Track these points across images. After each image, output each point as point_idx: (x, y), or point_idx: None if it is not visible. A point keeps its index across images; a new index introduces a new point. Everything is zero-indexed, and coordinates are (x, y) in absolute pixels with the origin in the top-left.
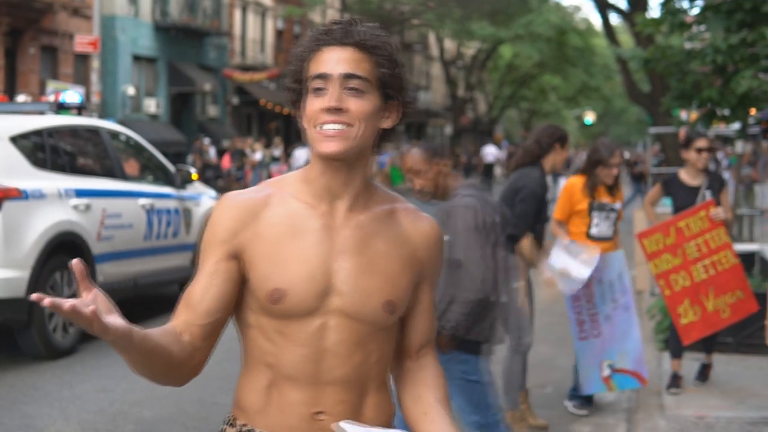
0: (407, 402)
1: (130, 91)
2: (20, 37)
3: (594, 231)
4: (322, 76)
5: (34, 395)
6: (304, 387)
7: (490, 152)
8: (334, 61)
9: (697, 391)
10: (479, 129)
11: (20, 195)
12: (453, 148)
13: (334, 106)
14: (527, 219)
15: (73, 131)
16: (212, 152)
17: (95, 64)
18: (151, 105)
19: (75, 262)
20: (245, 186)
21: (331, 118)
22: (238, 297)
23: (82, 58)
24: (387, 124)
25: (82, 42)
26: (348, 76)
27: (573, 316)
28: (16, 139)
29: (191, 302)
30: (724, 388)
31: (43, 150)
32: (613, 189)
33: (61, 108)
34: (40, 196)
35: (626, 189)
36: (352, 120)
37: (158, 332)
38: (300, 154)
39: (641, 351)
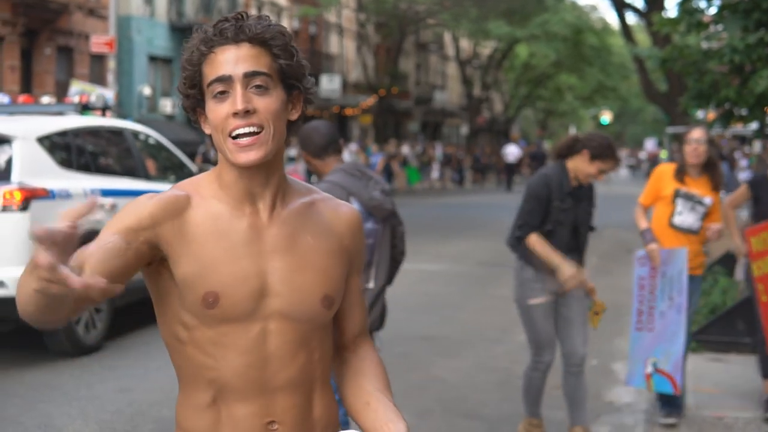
0: (348, 395)
1: (146, 91)
2: (36, 38)
3: (676, 220)
4: (222, 79)
5: (52, 395)
6: (252, 397)
7: (511, 152)
8: (232, 61)
9: (716, 391)
10: (495, 129)
11: (47, 194)
12: (469, 147)
13: (243, 108)
14: (528, 219)
15: (97, 132)
16: (213, 152)
17: (111, 64)
18: (167, 105)
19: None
20: None
21: (243, 122)
22: (165, 311)
23: (98, 59)
24: (293, 116)
25: (98, 42)
26: (250, 74)
27: (635, 305)
28: (42, 140)
29: (83, 253)
30: (742, 389)
31: (69, 150)
32: (710, 181)
33: (85, 109)
34: (66, 195)
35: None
36: (262, 121)
37: None
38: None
39: (681, 357)
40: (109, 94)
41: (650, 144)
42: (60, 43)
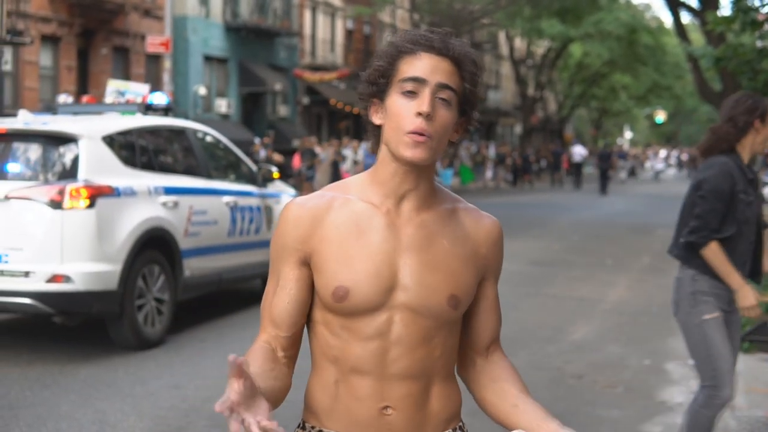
0: (491, 399)
1: (202, 91)
2: (92, 38)
3: None
4: (418, 80)
5: (107, 391)
6: (371, 380)
7: (578, 152)
8: (431, 68)
9: None
10: (549, 128)
11: (112, 192)
12: (522, 147)
13: (428, 111)
14: (708, 221)
15: (160, 131)
16: (262, 153)
17: (167, 64)
18: (222, 105)
19: (231, 359)
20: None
21: (423, 125)
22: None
23: (154, 59)
24: (454, 137)
25: (153, 43)
26: (443, 86)
27: None
28: (107, 139)
29: (275, 317)
30: None
31: (133, 149)
32: None
33: (149, 109)
34: (131, 193)
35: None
36: (435, 130)
37: (267, 369)
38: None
39: None
40: (143, 89)
41: None
42: (116, 43)
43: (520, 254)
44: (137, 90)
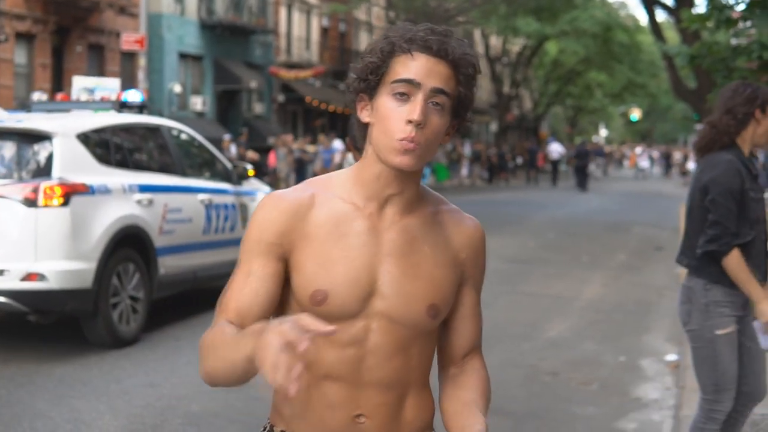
0: (445, 407)
1: (177, 88)
2: (67, 36)
3: None
4: (411, 82)
5: (82, 390)
6: (344, 387)
7: (555, 149)
8: (427, 71)
9: None
10: (524, 126)
11: (87, 190)
12: (498, 144)
13: (419, 120)
14: (726, 226)
15: (135, 129)
16: (233, 149)
17: (142, 62)
18: (197, 102)
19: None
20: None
21: (412, 134)
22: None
23: (129, 56)
24: (445, 140)
25: (128, 40)
26: (437, 91)
27: None
28: (81, 137)
29: (241, 307)
30: None
31: (108, 147)
32: None
33: (123, 106)
34: (105, 191)
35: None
36: (426, 137)
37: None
38: None
39: None
40: (114, 85)
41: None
42: (91, 41)
43: (496, 252)
44: (108, 86)
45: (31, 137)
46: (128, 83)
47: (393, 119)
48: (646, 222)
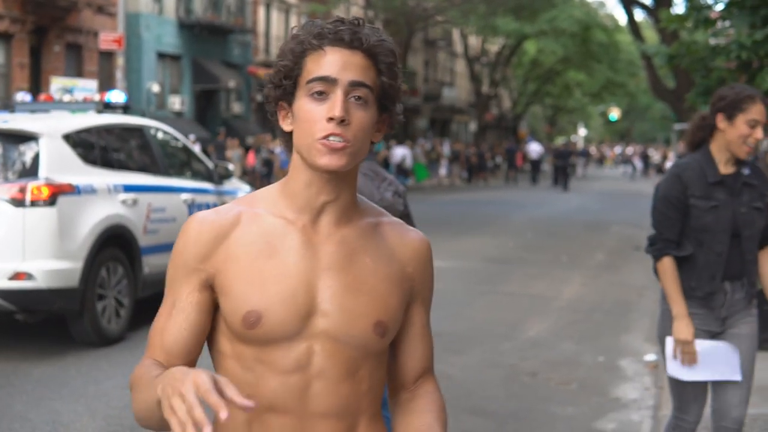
0: None
1: (155, 88)
2: (45, 35)
3: None
4: (326, 80)
5: (60, 391)
6: (290, 419)
7: (535, 149)
8: (341, 65)
9: None
10: (503, 125)
11: (73, 190)
12: (477, 144)
13: (340, 116)
14: (661, 232)
15: (119, 129)
16: (197, 148)
17: (120, 61)
18: (175, 102)
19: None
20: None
21: (337, 131)
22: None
23: (107, 56)
24: (377, 137)
25: (106, 39)
26: (356, 84)
27: None
28: (68, 137)
29: (166, 343)
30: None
31: (93, 147)
32: None
33: (107, 107)
34: (91, 191)
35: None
36: (352, 135)
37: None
38: (398, 152)
39: None
40: (91, 85)
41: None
42: (69, 40)
43: (475, 252)
44: (86, 87)
45: (18, 138)
46: (106, 83)
47: (313, 120)
48: (625, 221)
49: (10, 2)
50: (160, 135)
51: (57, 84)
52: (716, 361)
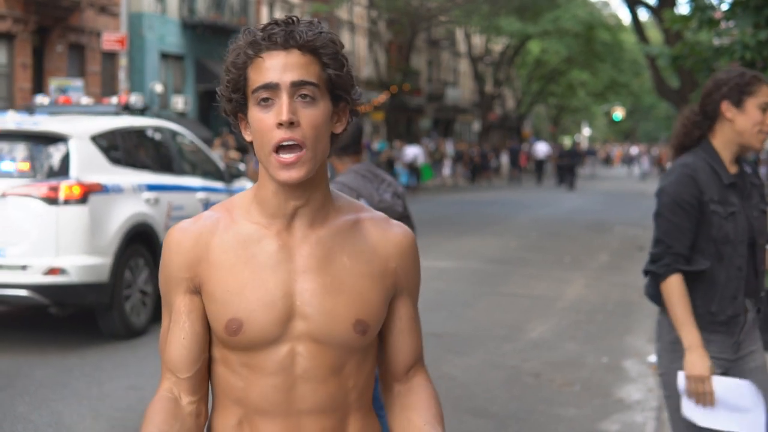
0: (396, 430)
1: (158, 88)
2: (48, 35)
3: None
4: (269, 87)
5: (63, 393)
6: (279, 420)
7: (541, 149)
8: (280, 68)
9: None
10: (507, 125)
11: (102, 189)
12: (480, 143)
13: (288, 120)
14: (669, 245)
15: (141, 131)
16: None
17: (123, 61)
18: (178, 102)
19: None
20: None
21: (287, 135)
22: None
23: (110, 56)
24: (338, 128)
25: (109, 40)
26: (298, 84)
27: None
28: (95, 138)
29: (172, 359)
30: None
31: (118, 148)
32: None
33: (126, 109)
34: (118, 190)
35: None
36: (305, 135)
37: (166, 430)
38: (410, 151)
39: None
40: (78, 84)
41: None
42: (71, 40)
43: (477, 252)
44: (76, 86)
45: (48, 139)
46: (109, 83)
47: (265, 129)
48: (629, 222)
49: (12, 2)
50: (176, 136)
51: (54, 84)
52: (738, 405)
